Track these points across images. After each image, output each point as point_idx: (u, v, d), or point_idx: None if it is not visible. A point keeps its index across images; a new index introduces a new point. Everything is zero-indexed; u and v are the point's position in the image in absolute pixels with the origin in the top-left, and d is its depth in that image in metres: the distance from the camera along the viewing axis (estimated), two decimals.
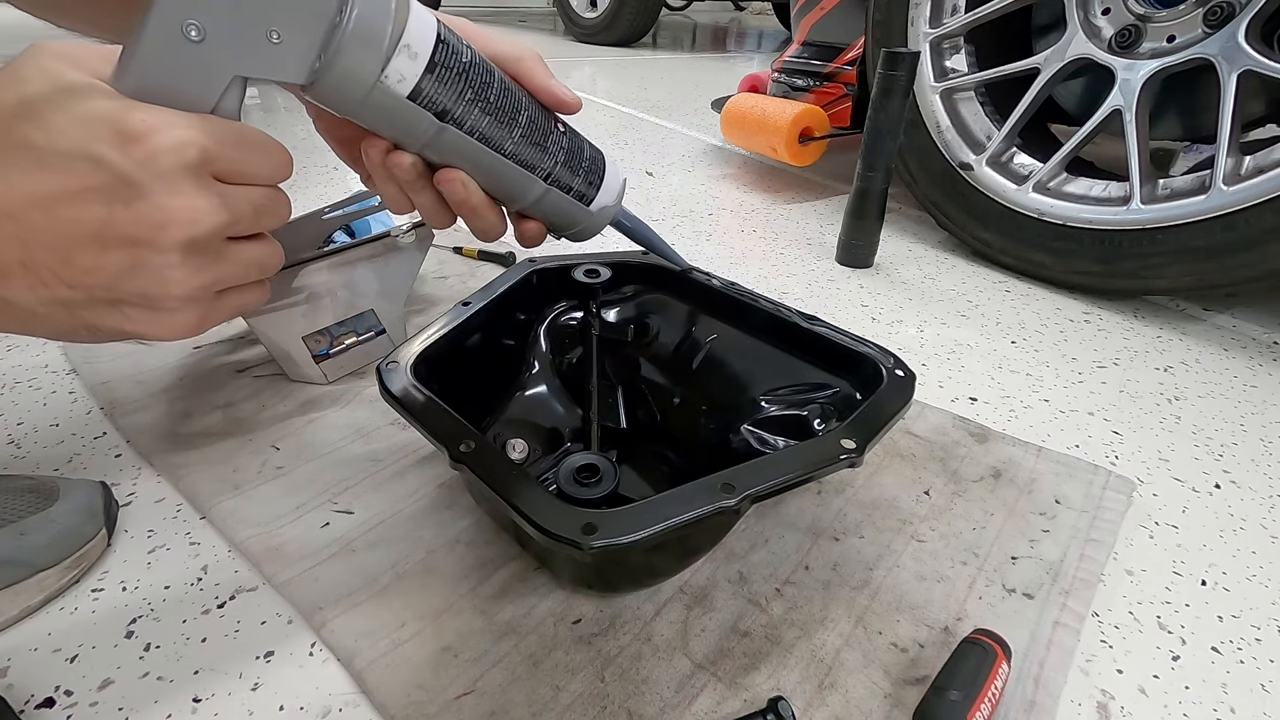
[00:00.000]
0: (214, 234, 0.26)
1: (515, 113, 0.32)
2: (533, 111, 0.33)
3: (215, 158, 0.26)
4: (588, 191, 0.36)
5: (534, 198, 0.34)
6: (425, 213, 0.34)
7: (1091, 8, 0.83)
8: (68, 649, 0.38)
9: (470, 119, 0.30)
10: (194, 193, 0.25)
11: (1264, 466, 0.58)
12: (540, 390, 0.53)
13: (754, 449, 0.46)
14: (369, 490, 0.49)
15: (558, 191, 0.35)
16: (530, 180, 0.34)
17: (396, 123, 0.29)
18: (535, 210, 0.35)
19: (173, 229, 0.25)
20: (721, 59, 3.02)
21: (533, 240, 0.37)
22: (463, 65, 0.29)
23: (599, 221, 0.37)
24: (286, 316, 0.60)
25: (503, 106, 0.31)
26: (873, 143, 0.87)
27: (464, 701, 0.35)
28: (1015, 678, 0.38)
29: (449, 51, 0.29)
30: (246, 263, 0.29)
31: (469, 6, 5.02)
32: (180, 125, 0.25)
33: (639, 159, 1.41)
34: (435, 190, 0.33)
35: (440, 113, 0.29)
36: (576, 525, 0.30)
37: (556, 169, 0.34)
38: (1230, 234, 0.73)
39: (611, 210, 0.38)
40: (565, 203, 0.36)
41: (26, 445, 0.53)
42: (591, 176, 0.36)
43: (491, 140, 0.31)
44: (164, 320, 0.27)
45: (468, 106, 0.30)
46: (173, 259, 0.26)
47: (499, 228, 0.35)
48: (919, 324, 0.80)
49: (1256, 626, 0.43)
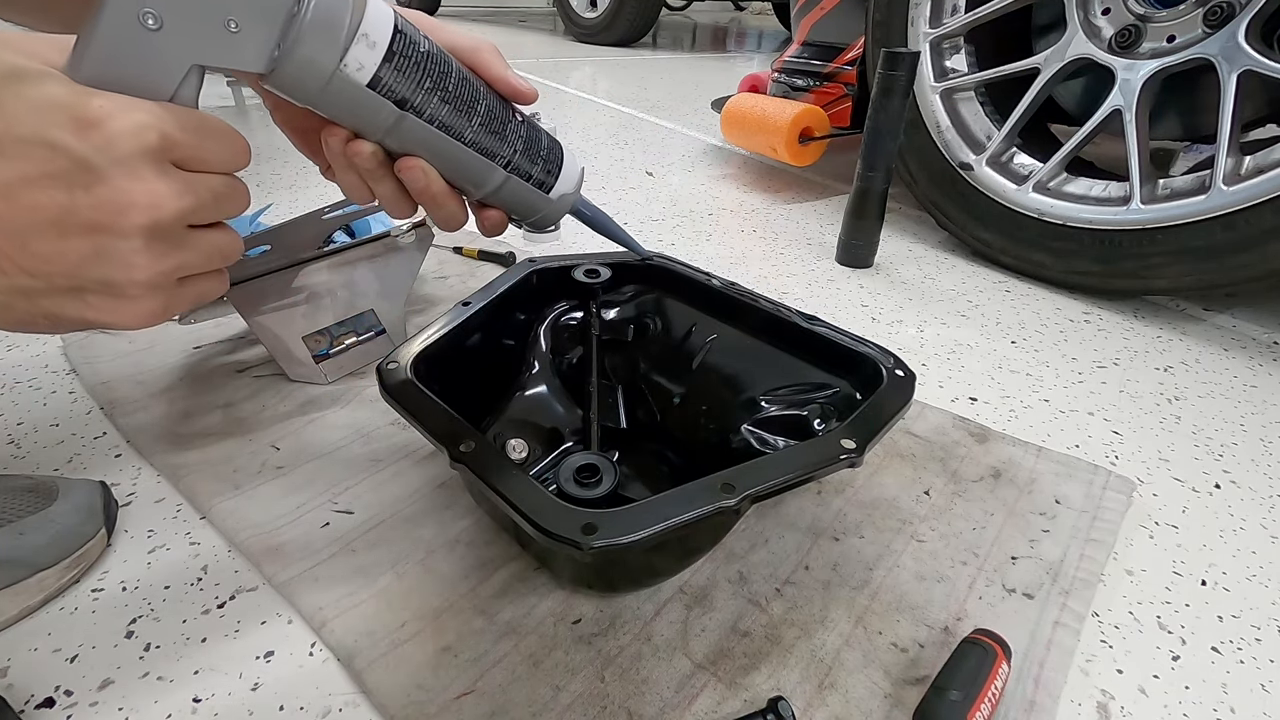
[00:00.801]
0: (176, 220, 0.26)
1: (474, 101, 0.32)
2: (491, 101, 0.33)
3: (175, 144, 0.26)
4: (547, 179, 0.37)
5: (495, 185, 0.35)
6: (386, 202, 0.34)
7: (1091, 8, 0.83)
8: (68, 649, 0.38)
9: (430, 107, 0.31)
10: (154, 178, 0.25)
11: (1264, 466, 0.58)
12: (540, 390, 0.53)
13: (754, 449, 0.46)
14: (369, 490, 0.49)
15: (518, 179, 0.35)
16: (490, 168, 0.34)
17: (356, 111, 0.29)
18: (496, 198, 0.36)
19: (134, 213, 0.25)
20: (721, 59, 3.02)
21: (494, 229, 0.37)
22: (421, 55, 0.30)
23: (559, 209, 0.38)
24: (286, 316, 0.60)
25: (461, 95, 0.32)
26: (873, 143, 0.87)
27: (464, 701, 0.35)
28: (1015, 678, 0.38)
29: (407, 41, 0.29)
30: (208, 250, 0.29)
31: (469, 6, 5.02)
32: (138, 110, 0.25)
33: (639, 159, 1.41)
34: (396, 179, 0.33)
35: (400, 101, 0.30)
36: (576, 525, 0.30)
37: (516, 157, 0.35)
38: (1230, 234, 0.73)
39: (571, 198, 0.38)
40: (526, 190, 0.36)
41: (26, 445, 0.53)
42: (550, 165, 0.37)
43: (451, 128, 0.32)
44: (127, 308, 0.27)
45: (427, 95, 0.30)
46: (135, 244, 0.25)
47: (460, 216, 0.36)
48: (919, 324, 0.80)
49: (1256, 626, 0.43)
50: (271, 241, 0.57)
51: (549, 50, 3.02)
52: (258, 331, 0.58)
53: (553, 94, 2.06)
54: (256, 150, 1.28)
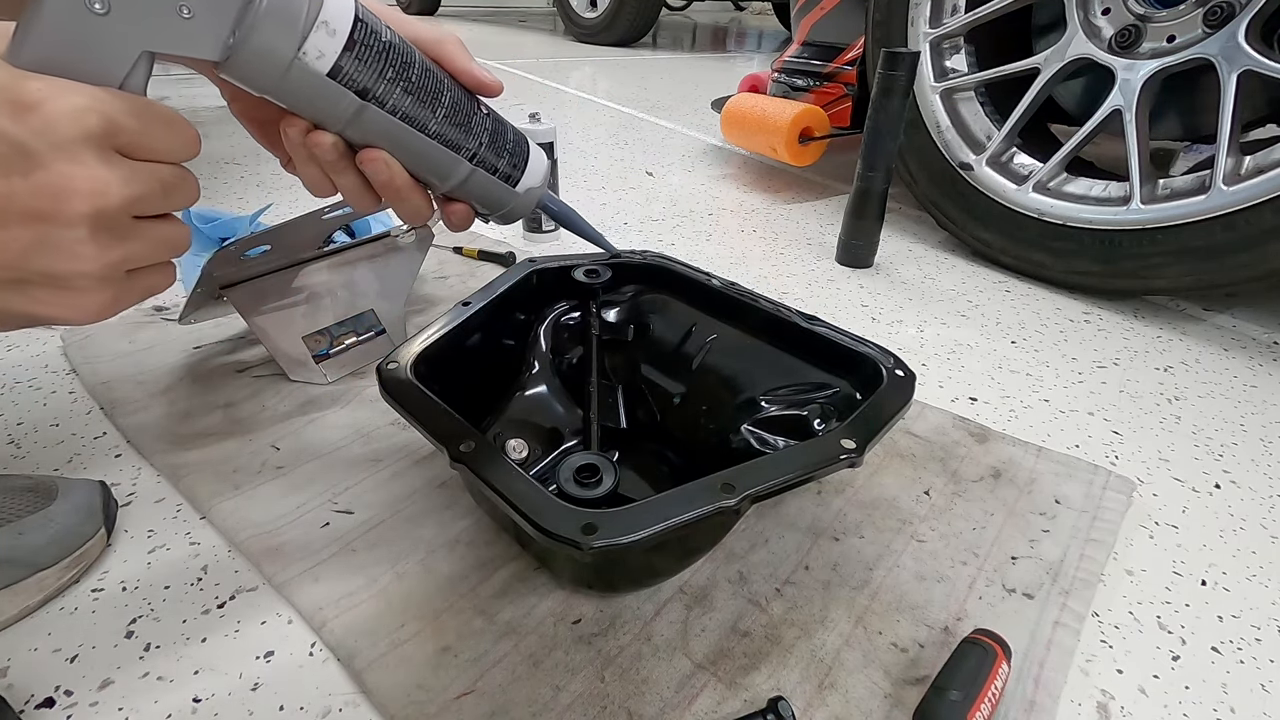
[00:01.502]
0: (122, 208, 0.25)
1: (438, 93, 0.32)
2: (456, 93, 0.33)
3: (119, 130, 0.25)
4: (513, 173, 0.36)
5: (460, 178, 0.34)
6: (349, 195, 0.33)
7: (1091, 8, 0.83)
8: (68, 649, 0.38)
9: (392, 98, 0.30)
10: (97, 163, 0.24)
11: (1264, 466, 0.58)
12: (540, 390, 0.53)
13: (754, 449, 0.46)
14: (369, 490, 0.49)
15: (484, 172, 0.35)
16: (456, 160, 0.33)
17: (316, 101, 0.29)
18: (462, 191, 0.35)
19: (77, 200, 0.24)
20: (721, 59, 3.02)
21: (460, 223, 0.37)
22: (383, 44, 0.29)
23: (526, 203, 0.38)
24: (286, 316, 0.60)
25: (425, 86, 0.31)
26: (873, 143, 0.87)
27: (464, 701, 0.35)
28: (1015, 678, 0.38)
29: (368, 30, 0.29)
30: (157, 241, 0.28)
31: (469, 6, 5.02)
32: (78, 94, 0.24)
33: (639, 159, 1.41)
34: (358, 171, 0.32)
35: (361, 91, 0.29)
36: (576, 525, 0.30)
37: (481, 149, 0.34)
38: (1230, 234, 0.73)
39: (537, 192, 0.38)
40: (492, 184, 0.36)
41: (26, 445, 0.53)
42: (516, 158, 0.36)
43: (415, 120, 0.31)
44: (74, 301, 0.26)
45: (389, 85, 0.30)
46: (80, 233, 0.24)
47: (425, 210, 0.35)
48: (919, 324, 0.80)
49: (1256, 626, 0.43)
50: (271, 241, 0.57)
51: (549, 50, 3.02)
52: (258, 331, 0.58)
53: (553, 94, 2.06)
54: (256, 150, 1.27)
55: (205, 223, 0.85)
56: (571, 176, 1.27)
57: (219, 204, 1.03)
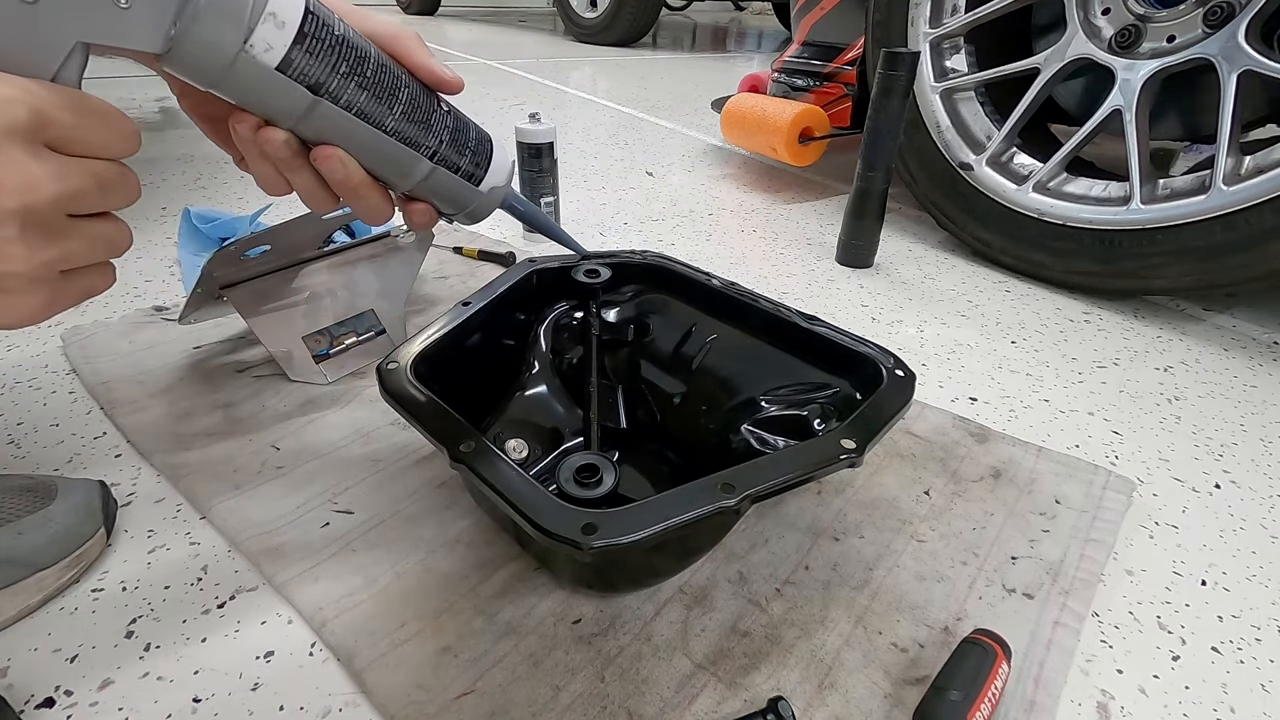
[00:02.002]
0: (53, 205, 0.24)
1: (395, 89, 0.31)
2: (414, 89, 0.32)
3: (49, 123, 0.24)
4: (476, 171, 0.35)
5: (420, 177, 0.34)
6: (304, 194, 0.32)
7: (1091, 8, 0.83)
8: (68, 649, 0.38)
9: (346, 93, 0.29)
10: (25, 158, 0.23)
11: (1264, 466, 0.58)
12: (540, 390, 0.53)
13: (754, 449, 0.46)
14: (369, 490, 0.49)
15: (445, 171, 0.34)
16: (415, 158, 0.33)
17: (266, 96, 0.28)
18: (424, 190, 0.35)
19: (4, 196, 0.23)
20: (721, 59, 3.02)
21: (422, 223, 0.36)
22: (335, 38, 0.28)
23: (490, 202, 0.37)
24: (286, 316, 0.60)
25: (381, 81, 0.30)
26: (873, 143, 0.87)
27: (464, 701, 0.35)
28: (1015, 678, 0.38)
29: (319, 23, 0.28)
30: (94, 241, 0.27)
31: (469, 6, 5.02)
32: (6, 85, 0.23)
33: (639, 159, 1.41)
34: (314, 170, 0.31)
35: (313, 86, 0.28)
36: (576, 525, 0.30)
37: (442, 147, 0.34)
38: (1230, 234, 0.73)
39: (502, 191, 0.37)
40: (454, 183, 0.35)
41: (26, 445, 0.53)
42: (479, 156, 0.35)
43: (371, 116, 0.30)
44: (6, 303, 0.25)
45: (343, 80, 0.29)
46: (9, 231, 0.23)
47: (385, 209, 0.34)
48: (919, 324, 0.80)
49: (1256, 626, 0.43)
50: (271, 241, 0.57)
51: (549, 50, 3.02)
52: (258, 331, 0.58)
53: (553, 94, 2.06)
54: None
55: (205, 223, 0.85)
56: (571, 176, 1.27)
57: (219, 204, 1.03)
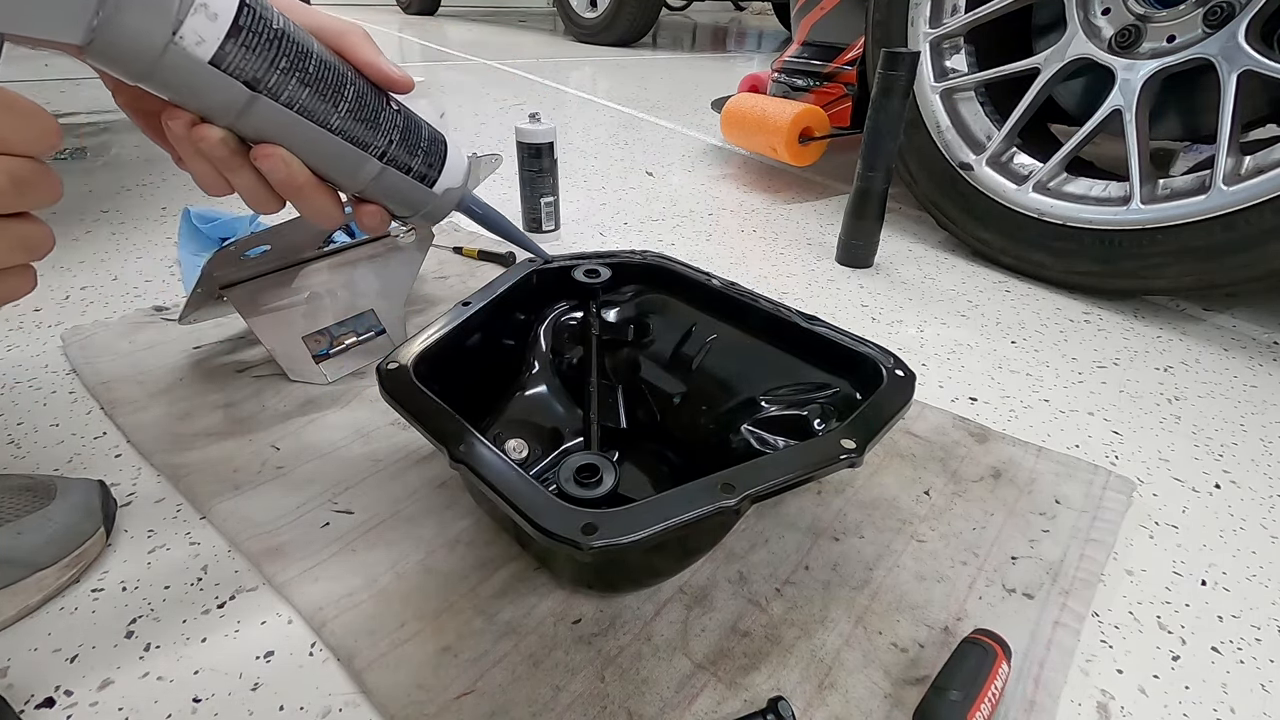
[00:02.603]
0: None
1: (340, 86, 0.30)
2: (361, 86, 0.31)
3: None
4: (429, 172, 0.35)
5: (369, 178, 0.33)
6: (247, 195, 0.31)
7: (1091, 8, 0.83)
8: (68, 649, 0.38)
9: (287, 90, 0.28)
10: None
11: (1264, 466, 0.58)
12: (540, 390, 0.53)
13: (754, 449, 0.46)
14: (369, 490, 0.49)
15: (396, 172, 0.33)
16: (363, 158, 0.32)
17: (200, 92, 0.27)
18: (374, 192, 0.34)
19: None
20: (721, 59, 3.01)
21: (373, 226, 0.35)
22: (274, 31, 0.27)
23: (444, 204, 0.36)
24: (286, 316, 0.60)
25: (324, 78, 0.29)
26: (873, 143, 0.87)
27: (464, 701, 0.35)
28: (1015, 678, 0.38)
29: (255, 16, 0.27)
30: (9, 242, 0.25)
31: (469, 6, 5.02)
32: None
33: (639, 159, 1.41)
34: (255, 169, 0.30)
35: (251, 81, 0.27)
36: (576, 525, 0.30)
37: (392, 148, 0.33)
38: (1230, 234, 0.73)
39: (457, 193, 0.36)
40: (405, 184, 0.34)
41: (26, 445, 0.53)
42: (432, 158, 0.35)
43: (314, 114, 0.29)
44: None
45: (283, 76, 0.28)
46: None
47: (333, 211, 0.33)
48: (919, 324, 0.80)
49: (1256, 626, 0.43)
50: (271, 241, 0.57)
51: (549, 50, 3.03)
52: (258, 331, 0.58)
53: (553, 94, 2.06)
54: None
55: (205, 223, 0.85)
56: (571, 176, 1.27)
57: (219, 204, 1.03)
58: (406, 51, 2.90)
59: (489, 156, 0.75)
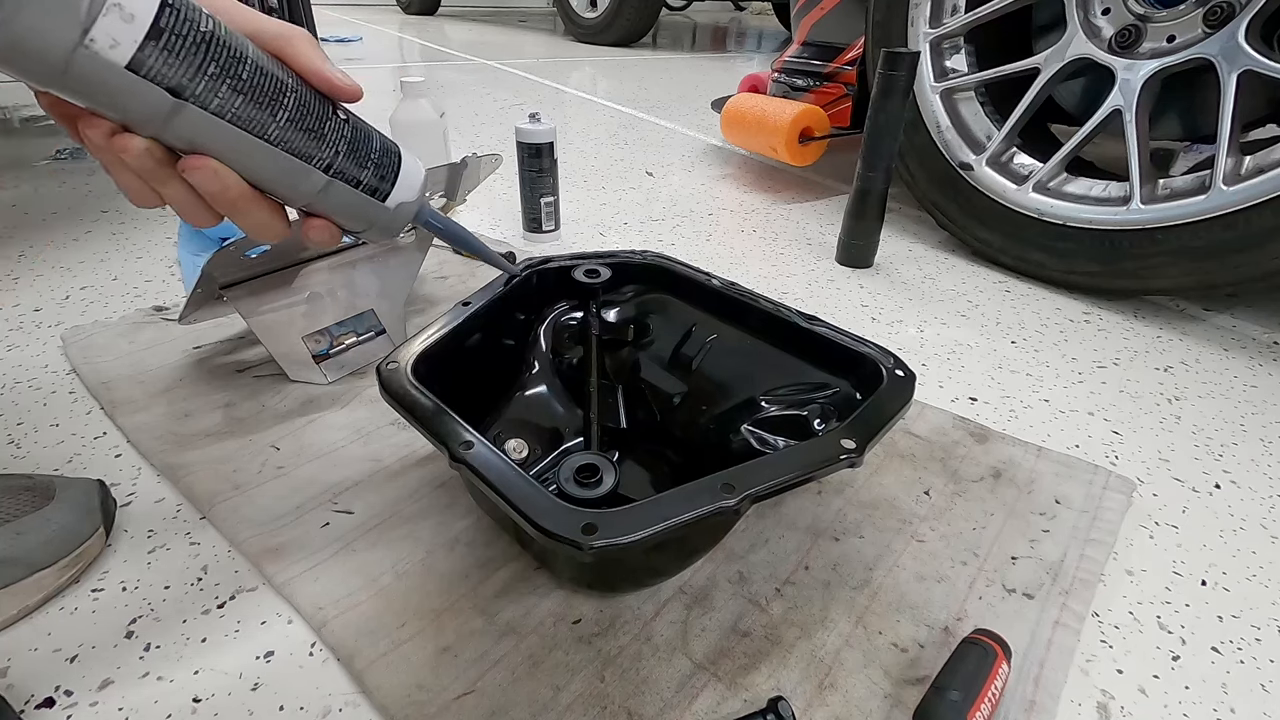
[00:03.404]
0: None
1: (278, 93, 0.28)
2: (303, 94, 0.29)
3: None
4: (380, 185, 0.33)
5: (314, 190, 0.31)
6: (178, 208, 0.30)
7: (1091, 8, 0.83)
8: (68, 649, 0.38)
9: (217, 97, 0.26)
10: None
11: (1264, 466, 0.58)
12: (540, 390, 0.53)
13: (754, 449, 0.46)
14: (369, 490, 0.49)
15: (343, 185, 0.31)
16: (305, 170, 0.30)
17: (117, 99, 0.25)
18: (320, 206, 0.32)
19: None
20: (721, 59, 3.01)
21: (321, 240, 0.33)
22: (201, 35, 0.25)
23: (398, 219, 0.34)
24: (286, 316, 0.60)
25: (260, 85, 0.28)
26: (873, 143, 0.87)
27: (464, 701, 0.35)
28: (1015, 678, 0.38)
29: (179, 18, 0.25)
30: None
31: (469, 6, 5.02)
32: None
33: (639, 159, 1.41)
34: (186, 181, 0.29)
35: (175, 89, 0.25)
36: (576, 525, 0.30)
37: (339, 159, 0.31)
38: (1230, 234, 0.73)
39: (412, 207, 0.34)
40: (354, 198, 0.32)
41: (26, 445, 0.53)
42: (384, 170, 0.33)
43: (249, 122, 0.28)
44: None
45: (212, 82, 0.26)
46: None
47: (274, 225, 0.32)
48: (919, 324, 0.80)
49: (1256, 626, 0.43)
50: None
51: (549, 50, 3.02)
52: (258, 331, 0.58)
53: (553, 94, 2.06)
54: None
55: None
56: (571, 176, 1.27)
57: None
58: (406, 51, 2.90)
59: (489, 156, 0.75)
